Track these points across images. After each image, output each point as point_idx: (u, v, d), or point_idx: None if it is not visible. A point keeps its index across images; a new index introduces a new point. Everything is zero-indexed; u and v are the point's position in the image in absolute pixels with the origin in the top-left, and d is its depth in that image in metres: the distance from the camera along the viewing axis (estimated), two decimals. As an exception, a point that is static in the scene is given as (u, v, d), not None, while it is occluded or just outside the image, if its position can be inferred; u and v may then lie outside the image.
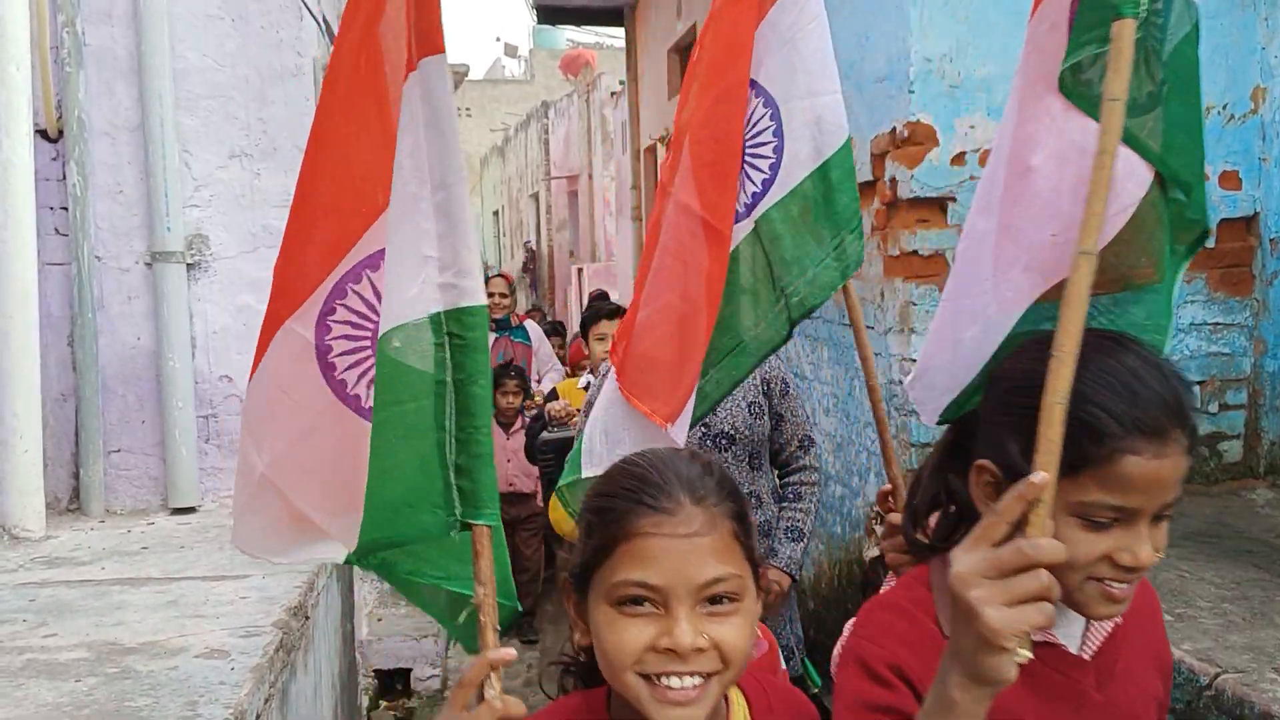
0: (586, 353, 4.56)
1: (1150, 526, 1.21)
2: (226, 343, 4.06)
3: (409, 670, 4.88)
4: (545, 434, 4.61)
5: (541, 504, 5.50)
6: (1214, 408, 4.44)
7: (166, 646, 2.63)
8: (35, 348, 3.57)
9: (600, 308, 4.46)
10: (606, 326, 4.22)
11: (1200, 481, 4.40)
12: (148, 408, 4.01)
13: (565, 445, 4.06)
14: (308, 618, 3.07)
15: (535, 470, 5.40)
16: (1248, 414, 4.45)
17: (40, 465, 3.61)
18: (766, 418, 3.10)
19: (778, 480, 3.25)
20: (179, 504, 3.97)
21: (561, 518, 3.54)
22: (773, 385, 3.12)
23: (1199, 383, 4.43)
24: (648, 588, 1.16)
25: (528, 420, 5.60)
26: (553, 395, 5.97)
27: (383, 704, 4.79)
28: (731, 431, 3.03)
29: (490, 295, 6.09)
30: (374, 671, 4.84)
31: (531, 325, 6.75)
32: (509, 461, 5.54)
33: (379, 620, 5.07)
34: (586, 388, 4.40)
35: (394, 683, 4.88)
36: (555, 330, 10.09)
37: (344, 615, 3.91)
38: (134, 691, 2.35)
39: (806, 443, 3.20)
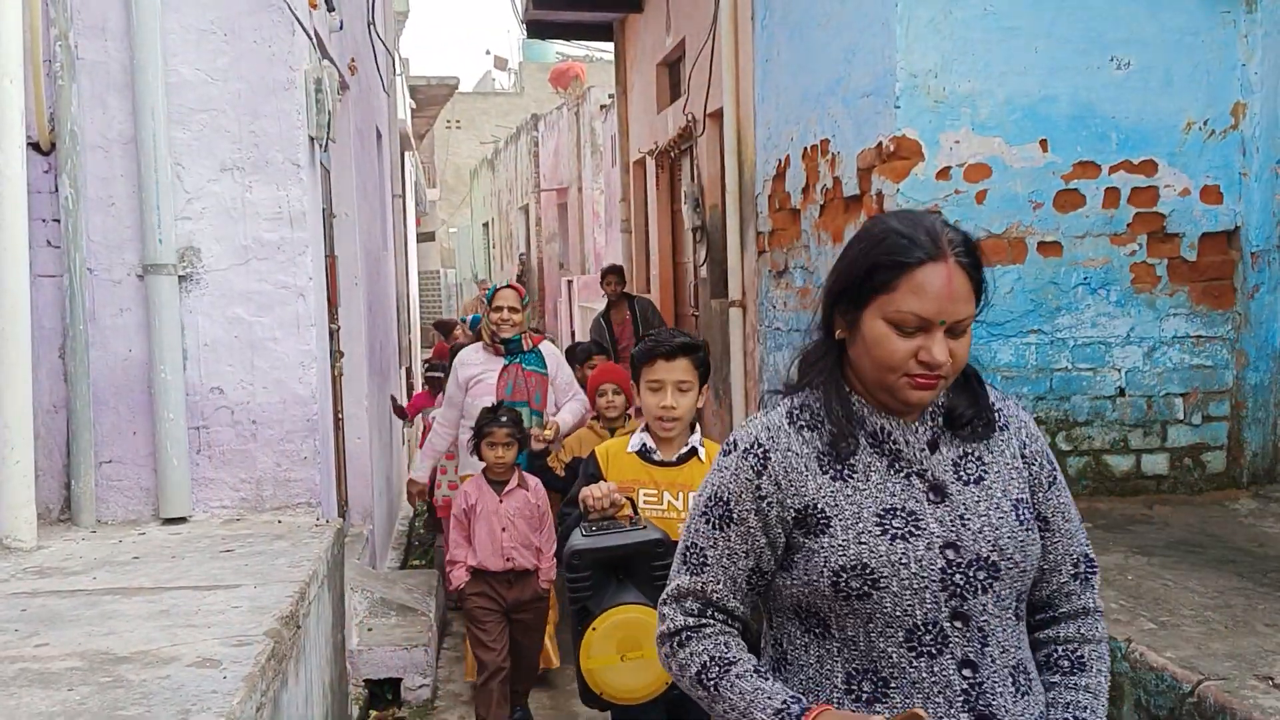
0: (637, 400, 3.12)
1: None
2: (218, 355, 4.07)
3: (399, 680, 4.89)
4: (580, 537, 2.82)
5: (544, 589, 4.49)
6: (1197, 419, 4.49)
7: (159, 656, 2.64)
8: (27, 359, 3.58)
9: (661, 340, 3.07)
10: (664, 370, 2.98)
11: (1184, 492, 4.45)
12: (139, 419, 4.02)
13: (608, 559, 2.78)
14: (299, 627, 3.08)
15: (537, 543, 4.42)
16: (1230, 425, 4.50)
17: (32, 476, 3.62)
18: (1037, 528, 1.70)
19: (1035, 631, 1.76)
20: (170, 514, 3.99)
21: (598, 667, 2.70)
22: (1037, 466, 1.72)
23: (1181, 394, 4.48)
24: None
25: (524, 475, 4.53)
26: (540, 448, 4.79)
27: (373, 713, 4.80)
28: (993, 555, 1.61)
29: (499, 309, 5.11)
30: (364, 681, 4.85)
31: (548, 348, 5.37)
32: (503, 530, 4.38)
33: (369, 630, 5.07)
34: (645, 455, 3.03)
35: (384, 692, 4.89)
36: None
37: (335, 625, 3.92)
38: (126, 700, 2.36)
39: (1086, 566, 1.75)
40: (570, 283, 16.81)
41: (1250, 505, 4.31)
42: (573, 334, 16.08)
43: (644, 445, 3.03)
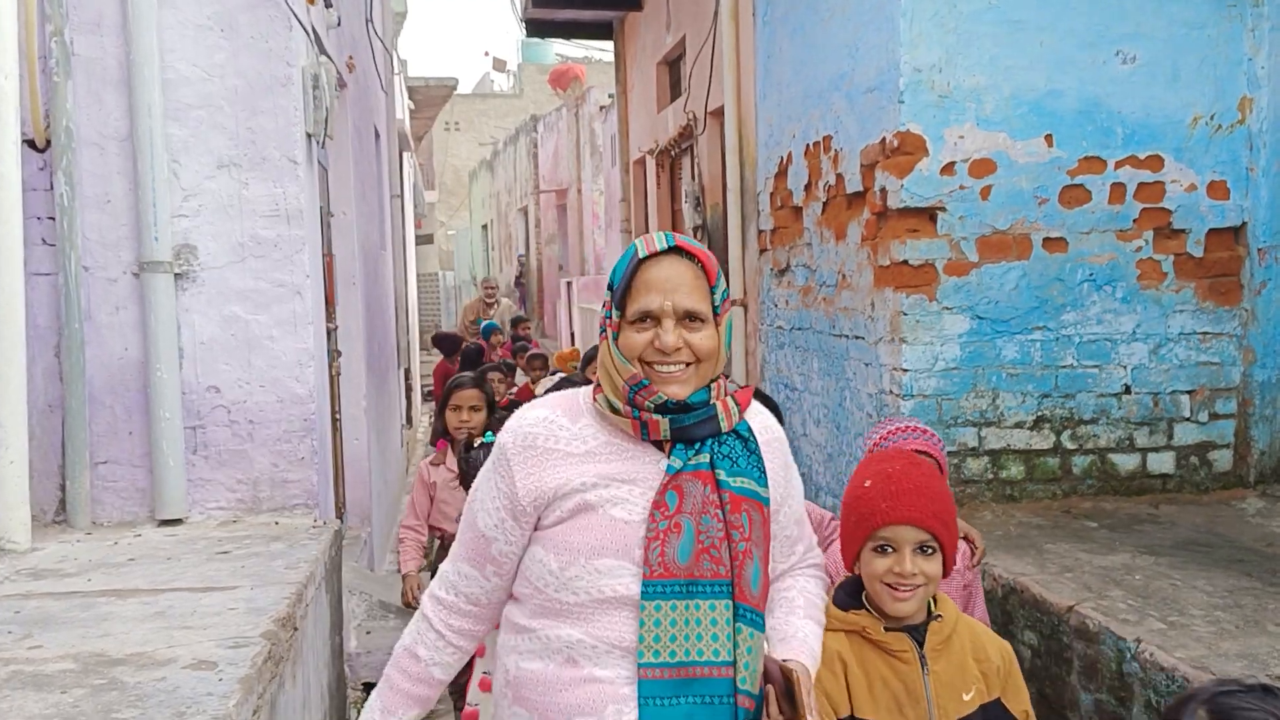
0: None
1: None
2: (214, 353, 4.03)
3: (398, 684, 4.84)
4: None
5: None
6: (1204, 417, 4.45)
7: (154, 658, 2.60)
8: (21, 358, 3.54)
9: None
10: None
11: (1191, 491, 4.41)
12: (135, 419, 3.98)
13: None
14: (296, 629, 3.04)
15: None
16: (1237, 423, 4.46)
17: (26, 477, 3.57)
18: None
19: None
20: (166, 515, 3.94)
21: None
22: None
23: (1188, 392, 4.44)
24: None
25: None
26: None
27: (372, 718, 4.76)
28: None
29: (644, 321, 1.80)
30: (363, 684, 4.80)
31: (761, 420, 1.98)
32: None
33: (368, 633, 5.03)
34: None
35: (383, 696, 4.85)
36: (507, 369, 8.22)
37: (333, 627, 3.88)
38: (121, 703, 2.32)
39: None
40: (570, 284, 16.77)
41: (1258, 504, 4.27)
42: (572, 338, 16.01)
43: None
